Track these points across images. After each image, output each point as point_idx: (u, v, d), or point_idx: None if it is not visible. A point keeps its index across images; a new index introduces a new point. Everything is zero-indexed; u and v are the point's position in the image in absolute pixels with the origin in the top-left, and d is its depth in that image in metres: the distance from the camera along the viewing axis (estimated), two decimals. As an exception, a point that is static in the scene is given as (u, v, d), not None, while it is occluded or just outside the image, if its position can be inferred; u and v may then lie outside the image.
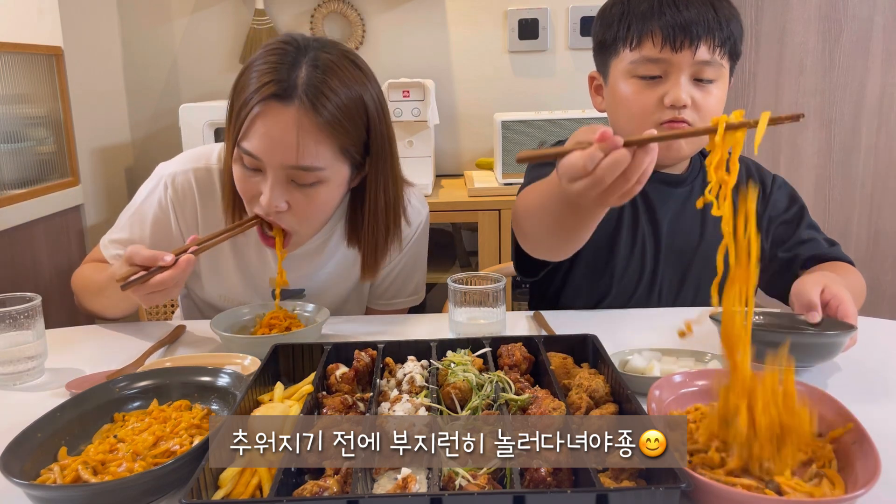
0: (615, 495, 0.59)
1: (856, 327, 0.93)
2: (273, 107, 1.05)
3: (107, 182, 2.46)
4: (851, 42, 2.76)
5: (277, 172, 1.07)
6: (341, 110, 1.06)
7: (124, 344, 1.15)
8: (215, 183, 1.23)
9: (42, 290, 1.07)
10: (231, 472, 0.68)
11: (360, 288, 1.35)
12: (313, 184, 1.09)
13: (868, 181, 2.87)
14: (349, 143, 1.09)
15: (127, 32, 2.62)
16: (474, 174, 2.50)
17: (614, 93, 1.20)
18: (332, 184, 1.11)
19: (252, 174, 1.10)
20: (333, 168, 1.09)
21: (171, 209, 1.23)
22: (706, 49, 1.12)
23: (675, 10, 1.12)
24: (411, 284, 1.38)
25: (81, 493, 0.68)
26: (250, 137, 1.06)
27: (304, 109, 1.04)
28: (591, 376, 0.83)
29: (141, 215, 1.25)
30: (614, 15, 1.18)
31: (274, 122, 1.05)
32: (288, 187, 1.09)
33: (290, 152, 1.05)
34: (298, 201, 1.10)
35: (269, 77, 1.05)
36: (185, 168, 1.24)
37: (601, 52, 1.23)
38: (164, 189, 1.23)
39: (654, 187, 1.27)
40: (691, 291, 1.29)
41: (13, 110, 1.97)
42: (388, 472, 0.72)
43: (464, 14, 2.61)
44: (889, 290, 2.95)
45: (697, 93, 1.14)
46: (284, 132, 1.04)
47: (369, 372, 0.89)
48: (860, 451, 0.69)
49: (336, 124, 1.06)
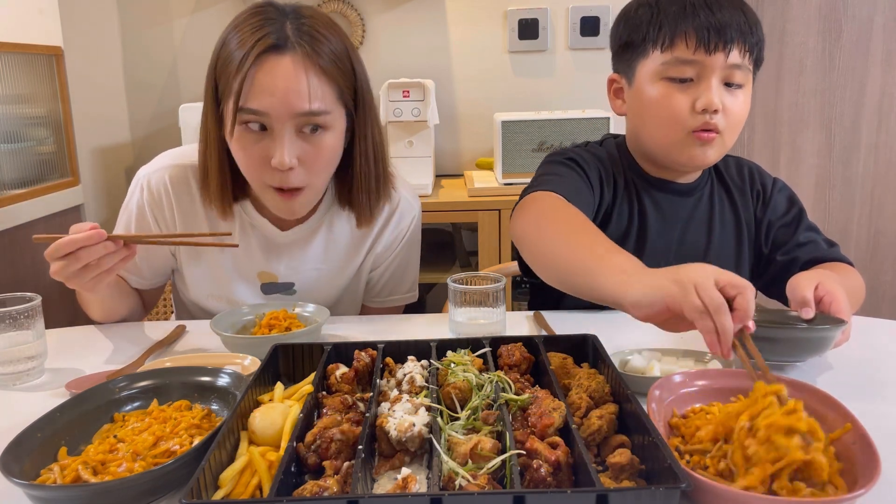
0: (615, 495, 0.59)
1: (847, 322, 0.93)
2: (272, 59, 1.05)
3: (107, 182, 2.46)
4: (851, 42, 2.76)
5: (286, 125, 1.07)
6: (335, 55, 1.09)
7: (124, 344, 1.15)
8: (190, 180, 1.23)
9: (42, 290, 1.07)
10: (231, 472, 0.68)
11: (354, 287, 1.35)
12: (320, 132, 1.10)
13: (868, 181, 2.87)
14: (345, 88, 1.12)
15: (127, 32, 2.62)
16: (474, 174, 2.50)
17: (641, 95, 1.19)
18: (336, 131, 1.13)
19: (258, 138, 1.09)
20: (335, 113, 1.11)
21: (149, 211, 1.24)
22: (738, 52, 1.11)
23: (708, 11, 1.11)
24: (407, 282, 1.38)
25: (81, 493, 0.68)
26: (255, 96, 1.05)
27: (304, 53, 1.06)
28: (591, 376, 0.83)
29: (126, 220, 1.26)
30: (642, 16, 1.17)
31: (278, 72, 1.05)
32: (297, 141, 1.09)
33: (300, 98, 1.05)
34: (308, 153, 1.10)
35: (260, 33, 1.05)
36: (159, 168, 1.24)
37: (625, 54, 1.21)
38: (140, 192, 1.24)
39: (664, 197, 1.27)
40: None
41: (13, 110, 1.97)
42: (388, 472, 0.72)
43: (464, 14, 2.61)
44: (889, 290, 2.95)
45: (728, 97, 1.13)
46: (290, 79, 1.05)
47: (369, 372, 0.89)
48: (860, 451, 0.69)
49: (333, 68, 1.09)
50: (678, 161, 1.19)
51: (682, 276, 0.77)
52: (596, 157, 1.28)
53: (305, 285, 1.30)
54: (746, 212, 1.32)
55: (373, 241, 1.32)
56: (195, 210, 1.23)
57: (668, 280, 0.78)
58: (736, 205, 1.31)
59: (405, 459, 0.73)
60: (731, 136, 1.17)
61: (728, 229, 1.30)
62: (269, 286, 1.29)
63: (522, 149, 2.27)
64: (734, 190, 1.32)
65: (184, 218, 1.24)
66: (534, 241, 1.06)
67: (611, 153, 1.30)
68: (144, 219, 1.24)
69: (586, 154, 1.28)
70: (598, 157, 1.28)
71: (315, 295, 1.29)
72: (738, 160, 1.36)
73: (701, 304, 0.74)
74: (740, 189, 1.32)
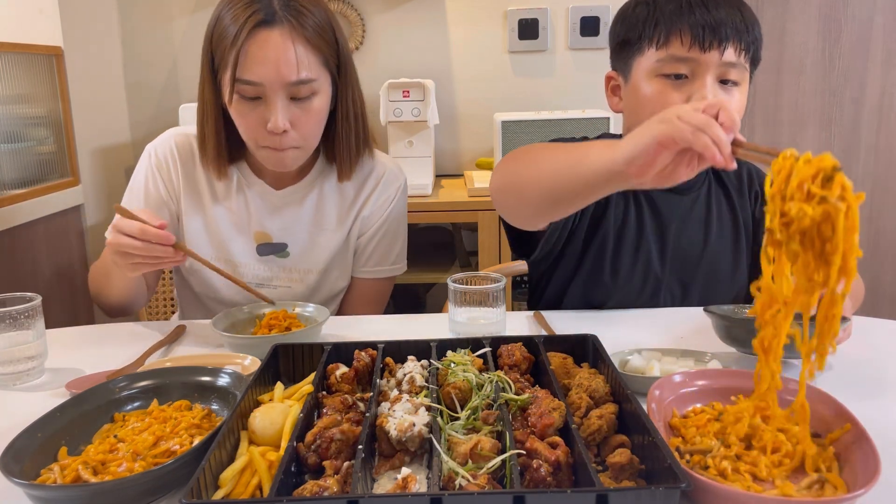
0: (615, 495, 0.59)
1: (848, 319, 0.93)
2: (263, 33, 1.15)
3: (107, 182, 2.46)
4: (851, 42, 2.76)
5: (279, 93, 1.17)
6: (319, 25, 1.19)
7: (124, 344, 1.14)
8: (193, 146, 1.33)
9: (42, 290, 1.07)
10: (231, 472, 0.68)
11: (343, 253, 1.39)
12: (309, 97, 1.20)
13: (868, 181, 2.87)
14: (329, 55, 1.21)
15: (127, 32, 2.62)
16: (474, 174, 2.50)
17: (636, 92, 1.19)
18: (323, 95, 1.23)
19: (254, 105, 1.18)
20: (321, 79, 1.21)
21: (158, 175, 1.33)
22: (733, 51, 1.12)
23: (704, 9, 1.12)
24: (394, 252, 1.43)
25: (81, 493, 0.68)
26: (249, 67, 1.15)
27: (291, 26, 1.16)
28: (591, 376, 0.83)
29: (134, 191, 1.34)
30: (639, 14, 1.17)
31: (269, 45, 1.15)
32: (289, 106, 1.19)
33: (290, 68, 1.15)
34: (299, 117, 1.20)
35: (250, 10, 1.14)
36: (166, 137, 1.36)
37: (622, 52, 1.22)
38: (148, 159, 1.34)
39: (660, 195, 1.27)
40: (695, 297, 1.29)
41: (13, 110, 1.97)
42: (388, 472, 0.72)
43: (464, 14, 2.61)
44: (889, 290, 2.95)
45: (722, 94, 1.14)
46: (280, 51, 1.15)
47: (369, 372, 0.89)
48: (860, 450, 0.69)
49: (318, 38, 1.19)
50: None
51: (663, 115, 0.82)
52: None
53: (298, 247, 1.36)
54: (744, 212, 1.32)
55: (360, 206, 1.39)
56: (196, 174, 1.34)
57: (653, 124, 0.82)
58: (734, 205, 1.31)
59: (405, 459, 0.73)
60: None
61: (725, 229, 1.30)
62: (264, 247, 1.35)
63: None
64: (732, 191, 1.32)
65: (187, 181, 1.34)
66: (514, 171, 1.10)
67: None
68: (154, 182, 1.33)
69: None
70: None
71: (307, 259, 1.36)
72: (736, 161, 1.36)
73: (690, 126, 0.78)
74: (738, 190, 1.33)
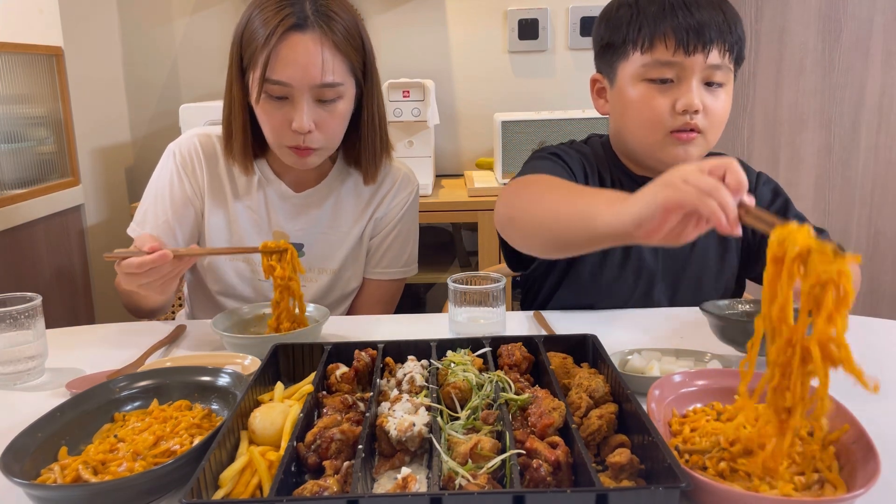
0: (615, 495, 0.59)
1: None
2: (294, 36, 1.18)
3: (107, 182, 2.46)
4: (851, 42, 2.76)
5: (305, 94, 1.21)
6: (348, 32, 1.23)
7: (124, 344, 1.15)
8: (215, 146, 1.36)
9: (42, 290, 1.07)
10: (231, 471, 0.68)
11: (356, 253, 1.42)
12: (334, 100, 1.24)
13: (868, 181, 2.87)
14: (356, 61, 1.26)
15: (127, 32, 2.62)
16: (474, 174, 2.50)
17: (622, 97, 1.19)
18: (347, 99, 1.27)
19: (280, 105, 1.22)
20: (347, 84, 1.25)
21: (183, 173, 1.35)
22: (717, 53, 1.12)
23: (686, 12, 1.11)
24: (405, 253, 1.46)
25: (81, 492, 0.68)
26: (279, 68, 1.18)
27: (322, 32, 1.19)
28: (591, 376, 0.83)
29: (158, 190, 1.36)
30: (622, 17, 1.17)
31: (299, 49, 1.18)
32: (314, 108, 1.23)
33: (318, 72, 1.19)
34: (324, 118, 1.24)
35: (283, 13, 1.18)
36: (189, 136, 1.38)
37: (606, 55, 1.22)
38: (172, 158, 1.36)
39: None
40: (687, 296, 1.29)
41: (13, 110, 1.97)
42: (388, 472, 0.72)
43: (464, 14, 2.61)
44: (889, 290, 2.95)
45: (708, 97, 1.14)
46: (310, 55, 1.19)
47: (369, 372, 0.89)
48: (859, 451, 0.69)
49: (346, 44, 1.22)
50: (662, 160, 1.19)
51: (668, 178, 0.79)
52: (580, 154, 1.29)
53: (313, 248, 1.39)
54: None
55: (375, 207, 1.42)
56: (219, 172, 1.37)
57: (658, 187, 0.79)
58: None
59: (405, 459, 0.73)
60: (714, 135, 1.18)
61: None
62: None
63: (522, 149, 2.27)
64: None
65: (211, 179, 1.36)
66: (521, 208, 1.08)
67: (596, 151, 1.31)
68: (179, 181, 1.35)
69: (571, 150, 1.29)
70: (582, 154, 1.29)
71: (321, 259, 1.39)
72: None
73: (696, 190, 0.75)
74: None
